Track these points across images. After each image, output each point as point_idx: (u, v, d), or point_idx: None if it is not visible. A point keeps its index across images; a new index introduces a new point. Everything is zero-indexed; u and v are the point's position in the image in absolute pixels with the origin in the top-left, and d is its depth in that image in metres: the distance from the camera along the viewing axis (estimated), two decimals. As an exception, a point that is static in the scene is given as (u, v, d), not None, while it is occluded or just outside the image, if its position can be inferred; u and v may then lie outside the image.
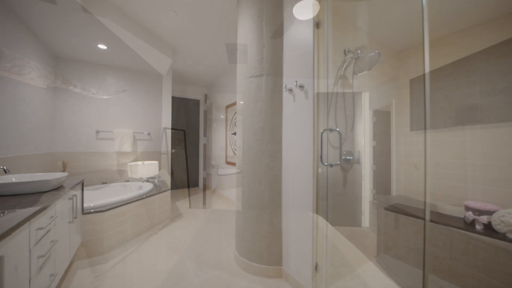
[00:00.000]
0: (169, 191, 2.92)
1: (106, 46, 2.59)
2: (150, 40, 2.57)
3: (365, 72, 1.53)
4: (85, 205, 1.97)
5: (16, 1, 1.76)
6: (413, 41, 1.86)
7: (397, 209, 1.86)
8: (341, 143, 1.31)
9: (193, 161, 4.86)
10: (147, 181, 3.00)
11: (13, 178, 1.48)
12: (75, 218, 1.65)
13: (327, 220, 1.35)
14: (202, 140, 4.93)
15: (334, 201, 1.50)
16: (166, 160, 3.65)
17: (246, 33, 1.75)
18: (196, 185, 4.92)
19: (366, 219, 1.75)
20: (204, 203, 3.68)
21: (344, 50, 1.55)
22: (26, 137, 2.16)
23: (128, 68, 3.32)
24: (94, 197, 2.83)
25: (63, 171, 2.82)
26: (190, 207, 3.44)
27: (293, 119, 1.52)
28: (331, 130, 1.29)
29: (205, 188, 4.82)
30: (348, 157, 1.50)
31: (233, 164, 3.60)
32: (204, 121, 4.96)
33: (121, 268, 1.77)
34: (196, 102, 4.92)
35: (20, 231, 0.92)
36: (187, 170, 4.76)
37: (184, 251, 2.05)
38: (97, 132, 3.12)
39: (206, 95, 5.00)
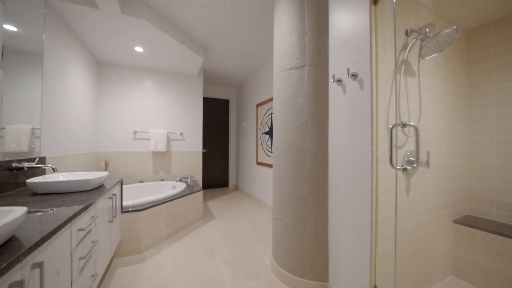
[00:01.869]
0: (201, 191, 2.90)
1: (142, 48, 2.65)
2: (183, 39, 2.56)
3: (435, 54, 1.25)
4: (123, 203, 2.01)
5: (65, 9, 1.85)
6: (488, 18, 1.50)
7: (470, 223, 1.52)
8: (418, 142, 1.06)
9: (223, 161, 4.85)
10: (180, 180, 3.02)
11: (60, 177, 1.54)
12: (115, 217, 1.66)
13: (395, 235, 1.12)
14: (232, 140, 4.90)
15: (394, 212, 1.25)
16: (198, 160, 3.66)
17: (285, 20, 1.59)
18: (226, 185, 4.90)
19: (432, 233, 1.45)
20: (235, 204, 3.60)
21: (406, 31, 1.29)
22: (73, 138, 2.29)
23: (162, 70, 3.40)
24: (131, 195, 2.93)
25: (105, 169, 2.97)
26: (221, 208, 3.39)
27: (343, 114, 1.31)
28: (404, 124, 1.05)
29: (235, 188, 4.77)
30: (411, 158, 1.24)
31: (265, 165, 3.46)
32: (234, 121, 4.92)
33: (156, 269, 1.74)
34: (226, 102, 4.90)
35: (62, 233, 0.89)
36: (218, 170, 4.77)
37: (218, 255, 1.97)
38: (135, 132, 3.25)
39: (236, 94, 4.96)
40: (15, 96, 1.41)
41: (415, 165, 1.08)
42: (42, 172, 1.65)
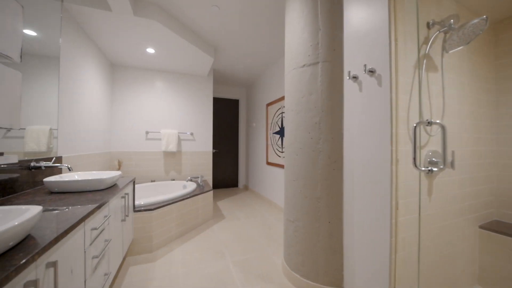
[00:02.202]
0: (212, 191, 2.89)
1: (154, 49, 2.69)
2: (193, 39, 2.56)
3: (461, 47, 1.16)
4: (135, 202, 2.03)
5: (80, 13, 1.90)
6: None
7: (498, 228, 1.41)
8: (445, 141, 0.99)
9: (232, 161, 4.85)
10: (191, 180, 3.04)
11: (75, 176, 1.57)
12: (127, 216, 1.67)
13: (419, 240, 1.05)
14: (242, 140, 4.89)
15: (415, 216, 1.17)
16: (208, 160, 3.68)
17: (297, 17, 1.55)
18: (236, 185, 4.89)
19: (457, 239, 1.35)
20: (244, 205, 3.58)
21: (428, 23, 1.21)
22: (88, 138, 2.35)
23: (173, 71, 3.44)
24: (143, 195, 2.98)
25: (118, 169, 3.04)
26: (231, 208, 3.38)
27: (359, 113, 1.25)
28: (429, 122, 0.99)
29: (245, 189, 4.76)
30: (434, 159, 1.16)
31: (275, 165, 3.42)
32: (244, 121, 4.91)
33: (167, 269, 1.74)
34: (235, 102, 4.90)
35: (76, 232, 0.89)
36: (228, 170, 4.77)
37: (228, 255, 1.95)
38: (147, 132, 3.30)
39: (245, 94, 4.94)
40: (34, 98, 1.45)
41: (442, 166, 1.01)
42: (59, 171, 1.69)
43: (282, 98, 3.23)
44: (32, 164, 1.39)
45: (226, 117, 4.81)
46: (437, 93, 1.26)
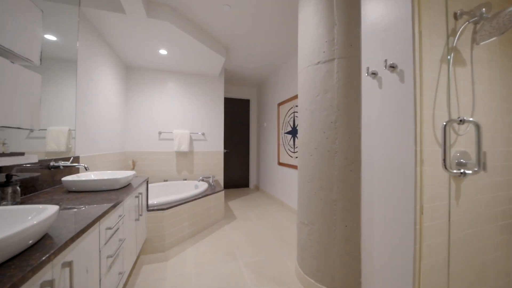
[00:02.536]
0: (223, 191, 2.89)
1: (166, 51, 2.72)
2: (205, 39, 2.57)
3: (494, 38, 1.06)
4: (149, 202, 2.06)
5: (95, 16, 1.95)
6: None
7: (535, 237, 1.28)
8: (480, 141, 0.91)
9: (243, 161, 4.84)
10: (202, 180, 3.05)
11: (91, 175, 1.61)
12: (141, 215, 1.69)
13: (449, 248, 0.97)
14: (253, 140, 4.86)
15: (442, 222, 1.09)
16: (219, 160, 3.68)
17: (311, 12, 1.49)
18: (247, 185, 4.87)
19: (488, 247, 1.25)
20: (256, 205, 3.55)
21: (455, 14, 1.12)
22: (104, 138, 2.41)
23: (185, 72, 3.48)
24: (157, 194, 3.02)
25: (132, 168, 3.11)
26: (242, 209, 3.36)
27: (379, 111, 1.18)
28: (461, 120, 0.91)
29: (256, 189, 4.73)
30: (463, 161, 1.07)
31: (287, 165, 3.36)
32: (254, 121, 4.88)
33: (180, 268, 1.75)
34: (246, 102, 4.88)
35: (91, 232, 0.90)
36: (239, 170, 4.77)
37: (240, 257, 1.92)
38: (160, 133, 3.35)
39: (256, 94, 4.91)
40: (53, 100, 1.50)
41: (476, 169, 0.92)
42: (76, 170, 1.74)
43: (294, 97, 3.17)
44: (51, 163, 1.43)
45: (237, 117, 4.80)
46: (466, 89, 1.16)
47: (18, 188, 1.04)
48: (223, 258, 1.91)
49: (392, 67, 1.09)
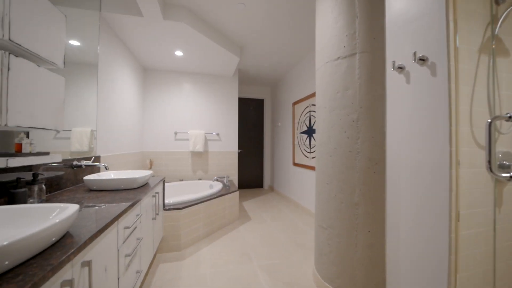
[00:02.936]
0: (238, 192, 2.87)
1: (182, 52, 2.76)
2: (219, 39, 2.56)
3: (544, 24, 0.94)
4: (165, 201, 2.08)
5: (115, 21, 2.01)
6: None
7: None
8: None
9: (258, 162, 4.81)
10: (217, 180, 3.06)
11: (111, 174, 1.65)
12: (158, 214, 1.71)
13: (495, 261, 0.87)
14: (267, 140, 4.82)
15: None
16: (233, 160, 3.68)
17: (330, 6, 1.42)
18: (261, 186, 4.84)
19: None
20: (270, 206, 3.50)
21: (496, -2, 1.00)
22: (123, 138, 2.48)
23: (200, 73, 3.51)
24: (173, 193, 3.08)
25: (150, 168, 3.19)
26: (257, 209, 3.33)
27: (407, 108, 1.09)
28: (510, 117, 0.81)
29: (270, 190, 4.68)
30: (506, 162, 0.95)
31: (302, 166, 3.28)
32: (269, 121, 4.84)
33: (195, 268, 1.75)
34: (260, 102, 4.85)
35: (110, 231, 0.91)
36: (253, 171, 4.74)
37: (255, 259, 1.89)
38: (175, 133, 3.41)
39: (270, 93, 4.86)
40: (76, 102, 1.56)
41: (529, 172, 0.81)
42: (97, 170, 1.80)
43: (310, 96, 3.08)
44: (74, 163, 1.49)
45: (251, 117, 4.78)
46: (508, 82, 1.04)
47: (43, 186, 1.08)
48: (237, 259, 1.89)
49: (422, 60, 1.00)
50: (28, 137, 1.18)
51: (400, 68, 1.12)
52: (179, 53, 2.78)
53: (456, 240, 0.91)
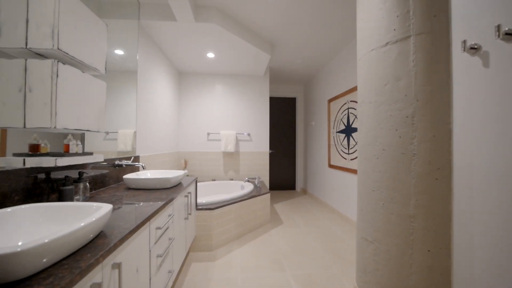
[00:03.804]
0: (269, 194, 2.78)
1: (213, 54, 2.79)
2: (250, 38, 2.51)
3: None
4: (198, 201, 2.11)
5: (151, 27, 2.12)
6: None
7: None
8: None
9: (290, 163, 4.65)
10: (248, 181, 3.02)
11: (148, 174, 1.72)
12: (190, 214, 1.73)
13: None
14: (299, 140, 4.62)
15: None
16: (265, 160, 3.61)
17: (376, -15, 1.23)
18: (293, 188, 4.66)
19: None
20: (303, 210, 3.32)
21: None
22: (160, 139, 2.62)
23: (231, 73, 3.53)
24: (205, 193, 3.14)
25: (184, 168, 3.32)
26: (289, 213, 3.19)
27: (484, 99, 0.86)
28: None
29: (303, 192, 4.47)
30: None
31: (339, 168, 3.02)
32: (301, 120, 4.64)
33: (226, 270, 1.71)
34: (292, 100, 4.68)
35: (141, 231, 0.90)
36: (285, 172, 4.61)
37: (287, 268, 1.77)
38: (208, 134, 3.49)
39: (303, 91, 4.66)
40: (120, 106, 1.68)
41: None
42: (136, 169, 1.91)
43: (348, 92, 2.82)
44: (116, 162, 1.58)
45: (283, 117, 4.65)
46: None
47: (87, 184, 1.15)
48: (269, 265, 1.80)
49: (510, 34, 0.77)
50: (82, 139, 1.29)
51: (474, 49, 0.89)
52: (210, 54, 2.82)
53: None
